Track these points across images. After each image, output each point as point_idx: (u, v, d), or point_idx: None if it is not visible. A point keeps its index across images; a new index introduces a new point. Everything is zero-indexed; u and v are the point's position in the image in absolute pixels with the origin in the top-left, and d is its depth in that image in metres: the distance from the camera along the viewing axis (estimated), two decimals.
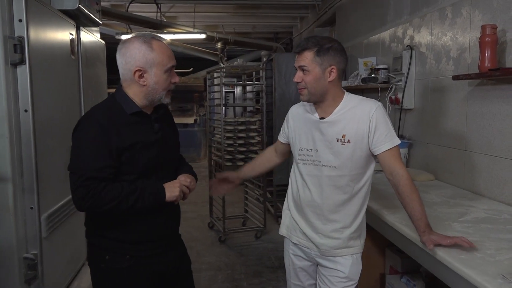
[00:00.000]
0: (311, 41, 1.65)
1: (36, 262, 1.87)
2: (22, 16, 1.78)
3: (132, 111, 1.53)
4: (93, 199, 1.40)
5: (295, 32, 7.65)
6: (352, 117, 1.65)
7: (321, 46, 1.63)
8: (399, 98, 2.99)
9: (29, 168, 1.84)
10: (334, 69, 1.64)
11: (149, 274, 1.60)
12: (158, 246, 1.62)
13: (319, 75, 1.64)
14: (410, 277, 2.28)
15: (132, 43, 1.50)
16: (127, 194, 1.44)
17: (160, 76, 1.53)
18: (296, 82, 1.69)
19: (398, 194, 1.62)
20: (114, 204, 1.43)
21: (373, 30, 3.68)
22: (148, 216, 1.56)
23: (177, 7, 6.39)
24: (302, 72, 1.65)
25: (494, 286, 1.21)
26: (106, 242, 1.55)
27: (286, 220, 1.88)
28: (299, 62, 1.66)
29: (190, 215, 5.26)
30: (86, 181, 1.40)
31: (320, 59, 1.63)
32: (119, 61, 1.52)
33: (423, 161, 2.84)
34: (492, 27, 2.02)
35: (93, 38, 2.85)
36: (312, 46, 1.63)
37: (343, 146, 1.64)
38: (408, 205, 1.58)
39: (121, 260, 1.55)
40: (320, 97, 1.67)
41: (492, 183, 2.17)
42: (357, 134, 1.63)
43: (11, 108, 1.76)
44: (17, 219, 1.81)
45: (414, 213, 1.56)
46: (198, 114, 9.74)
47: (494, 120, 2.14)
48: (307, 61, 1.63)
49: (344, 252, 1.72)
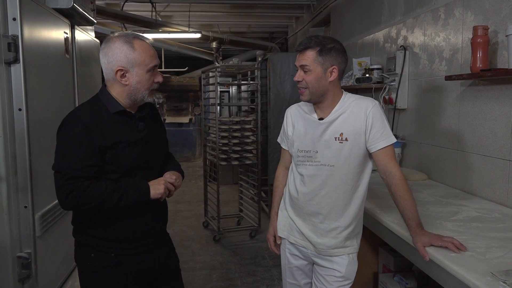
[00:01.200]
0: (313, 40, 1.64)
1: (30, 261, 1.86)
2: (16, 14, 1.77)
3: (115, 110, 1.53)
4: (77, 197, 1.41)
5: (290, 32, 7.67)
6: (349, 115, 1.66)
7: (323, 45, 1.62)
8: (393, 98, 3.01)
9: (23, 167, 1.84)
10: (335, 69, 1.64)
11: (135, 272, 1.61)
12: (144, 244, 1.62)
13: (321, 75, 1.64)
14: (402, 276, 2.30)
15: (114, 42, 1.50)
16: (111, 192, 1.45)
17: (142, 76, 1.52)
18: (297, 81, 1.68)
19: (391, 193, 1.63)
20: (98, 202, 1.44)
21: (368, 30, 3.71)
22: (134, 214, 1.56)
23: (172, 6, 6.38)
24: (303, 72, 1.65)
25: (483, 283, 1.23)
26: (91, 240, 1.56)
27: (283, 220, 1.88)
28: (301, 61, 1.66)
29: (185, 214, 5.26)
30: (70, 179, 1.41)
31: (322, 58, 1.62)
32: (102, 60, 1.53)
33: (416, 160, 2.86)
34: (484, 28, 2.04)
35: (88, 37, 2.84)
36: (314, 45, 1.63)
37: (341, 144, 1.65)
38: (400, 204, 1.60)
39: (106, 258, 1.56)
40: (320, 97, 1.67)
41: (483, 182, 2.19)
42: (354, 132, 1.64)
43: (5, 107, 1.76)
44: (11, 218, 1.80)
45: (406, 212, 1.58)
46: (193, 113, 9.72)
47: (486, 120, 2.17)
48: (309, 60, 1.63)
49: (341, 251, 1.73)
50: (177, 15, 6.88)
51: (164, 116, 9.60)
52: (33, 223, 1.89)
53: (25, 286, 1.87)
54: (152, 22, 6.07)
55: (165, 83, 9.25)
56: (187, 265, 3.60)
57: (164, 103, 9.62)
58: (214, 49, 7.34)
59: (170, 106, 9.64)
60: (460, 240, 1.54)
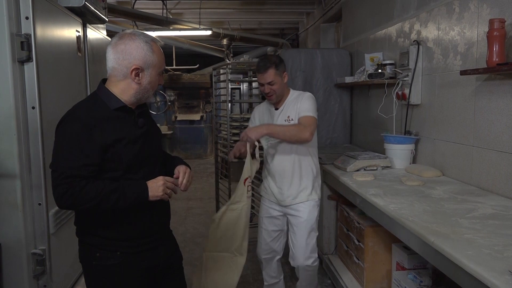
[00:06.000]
0: (268, 61, 2.39)
1: (44, 258, 1.88)
2: (29, 13, 1.78)
3: (116, 106, 1.53)
4: (73, 197, 1.41)
5: (301, 28, 7.62)
6: (293, 103, 2.45)
7: (275, 62, 2.38)
8: (406, 93, 2.97)
9: (37, 165, 1.86)
10: (285, 73, 2.46)
11: (140, 269, 1.62)
12: (148, 242, 1.63)
13: (281, 82, 2.42)
14: (416, 274, 2.27)
15: (133, 40, 1.51)
16: (108, 193, 1.44)
17: (154, 77, 1.57)
18: (266, 93, 2.43)
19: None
20: (95, 203, 1.43)
21: (380, 25, 3.66)
22: (138, 212, 1.57)
23: (183, 4, 6.39)
24: (270, 85, 2.39)
25: (501, 282, 1.20)
26: (96, 240, 1.57)
27: (264, 184, 2.67)
28: (266, 79, 2.38)
29: (196, 211, 5.28)
30: (66, 179, 1.40)
31: (278, 71, 2.40)
32: (113, 55, 1.51)
33: (430, 157, 2.82)
34: (501, 21, 1.99)
35: (100, 35, 2.86)
36: (271, 64, 2.37)
37: (289, 124, 2.42)
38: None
39: (112, 257, 1.56)
40: (281, 96, 2.48)
41: (500, 179, 2.15)
42: (295, 112, 2.41)
43: (18, 105, 1.77)
44: (25, 215, 1.82)
45: (282, 127, 2.36)
46: (205, 110, 9.75)
47: (502, 115, 2.12)
48: (272, 76, 2.38)
49: (298, 200, 2.53)
50: (187, 12, 6.88)
51: (176, 114, 9.64)
52: (47, 220, 1.91)
53: (39, 282, 1.89)
54: (163, 20, 6.09)
55: (177, 80, 9.28)
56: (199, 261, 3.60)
57: (176, 101, 9.66)
58: (225, 46, 7.34)
59: (181, 104, 9.67)
60: (477, 237, 1.53)
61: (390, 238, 2.48)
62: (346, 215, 2.97)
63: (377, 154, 3.00)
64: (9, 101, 1.74)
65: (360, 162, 2.84)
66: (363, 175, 2.63)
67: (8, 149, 1.76)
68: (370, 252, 2.62)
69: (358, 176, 2.63)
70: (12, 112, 1.75)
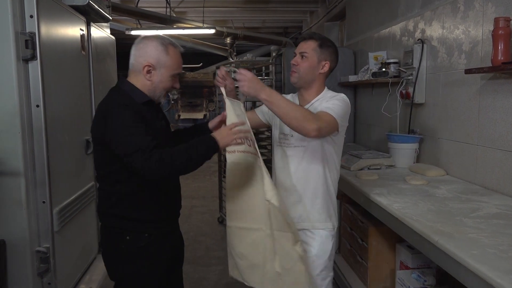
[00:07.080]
0: (317, 34, 1.92)
1: (48, 256, 1.89)
2: (33, 12, 1.79)
3: (143, 100, 1.63)
4: (170, 157, 1.48)
5: (305, 26, 7.61)
6: (322, 103, 1.87)
7: (324, 41, 1.90)
8: (410, 92, 2.96)
9: (41, 163, 1.87)
10: (327, 64, 1.90)
11: (164, 250, 1.70)
12: (170, 223, 1.75)
13: (314, 65, 1.89)
14: (420, 273, 2.26)
15: (151, 41, 1.62)
16: (185, 150, 1.52)
17: (165, 77, 1.65)
18: (292, 64, 1.92)
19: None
20: (185, 159, 1.50)
21: (384, 24, 3.65)
22: (166, 195, 1.68)
23: (186, 2, 6.39)
24: (301, 58, 1.89)
25: (506, 282, 1.20)
26: (125, 223, 1.62)
27: None
28: (301, 49, 1.90)
29: (199, 210, 5.29)
30: (153, 149, 1.47)
31: (320, 51, 1.88)
32: (134, 52, 1.63)
33: (434, 156, 2.81)
34: (506, 20, 1.98)
35: (103, 33, 2.86)
36: (317, 38, 1.90)
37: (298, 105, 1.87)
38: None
39: (140, 238, 1.63)
40: (306, 83, 1.92)
41: (504, 178, 2.14)
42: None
43: (23, 104, 1.78)
44: (30, 213, 1.83)
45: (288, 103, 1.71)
46: (208, 109, 9.75)
47: (507, 114, 2.11)
48: (309, 48, 1.88)
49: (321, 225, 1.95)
50: (191, 11, 6.88)
51: (179, 112, 9.65)
52: (51, 218, 1.92)
53: (44, 280, 1.90)
54: (167, 18, 6.08)
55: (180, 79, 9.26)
56: (202, 260, 3.62)
57: (179, 99, 9.67)
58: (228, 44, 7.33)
59: (184, 102, 9.69)
60: (482, 237, 1.51)
61: (394, 237, 2.47)
62: (350, 214, 2.96)
63: (381, 153, 2.99)
64: (14, 99, 1.75)
65: (363, 161, 2.83)
66: (366, 174, 2.62)
67: (13, 147, 1.77)
68: (374, 251, 2.61)
69: (361, 175, 2.62)
70: (17, 110, 1.76)
